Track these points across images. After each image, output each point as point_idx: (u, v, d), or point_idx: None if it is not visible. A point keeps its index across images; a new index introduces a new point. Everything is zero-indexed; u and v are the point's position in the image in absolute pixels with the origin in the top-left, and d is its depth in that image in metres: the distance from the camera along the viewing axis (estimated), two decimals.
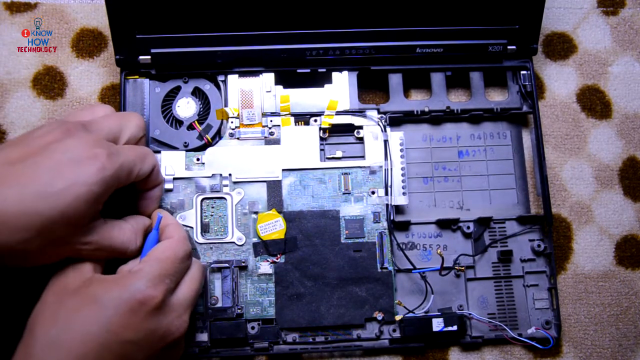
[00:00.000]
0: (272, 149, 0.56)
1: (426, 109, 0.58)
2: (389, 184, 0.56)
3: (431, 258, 0.56)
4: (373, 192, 0.56)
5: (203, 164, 0.55)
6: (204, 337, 0.52)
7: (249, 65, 0.57)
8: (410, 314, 0.54)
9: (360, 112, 0.57)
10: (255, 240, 0.54)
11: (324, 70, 0.58)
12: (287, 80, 0.58)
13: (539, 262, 0.57)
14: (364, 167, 0.56)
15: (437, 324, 0.53)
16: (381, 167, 0.56)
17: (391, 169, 0.56)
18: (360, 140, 0.57)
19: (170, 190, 0.55)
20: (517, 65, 0.59)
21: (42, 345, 0.39)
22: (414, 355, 0.55)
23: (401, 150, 0.56)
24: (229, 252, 0.54)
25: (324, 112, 0.57)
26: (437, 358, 0.55)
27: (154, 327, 0.42)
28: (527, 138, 0.60)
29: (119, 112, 0.51)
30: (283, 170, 0.56)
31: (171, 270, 0.44)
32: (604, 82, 0.63)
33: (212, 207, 0.55)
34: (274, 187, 0.55)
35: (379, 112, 0.58)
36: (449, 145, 0.59)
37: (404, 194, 0.56)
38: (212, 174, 0.55)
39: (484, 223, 0.57)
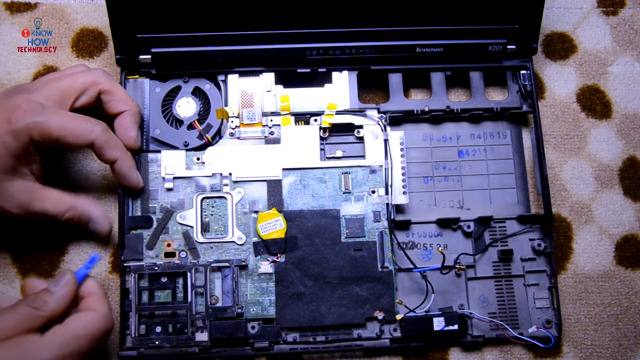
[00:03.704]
0: (273, 149, 0.56)
1: (426, 109, 0.58)
2: (389, 183, 0.56)
3: (432, 257, 0.56)
4: (373, 192, 0.56)
5: (203, 163, 0.55)
6: (204, 336, 0.52)
7: (249, 65, 0.57)
8: (411, 313, 0.54)
9: (360, 112, 0.57)
10: (255, 239, 0.54)
11: (324, 70, 0.58)
12: (287, 79, 0.58)
13: (540, 262, 0.57)
14: (364, 166, 0.56)
15: (438, 323, 0.53)
16: (381, 166, 0.56)
17: (391, 168, 0.56)
18: (361, 139, 0.57)
19: (170, 190, 0.55)
20: (517, 65, 0.59)
21: None
22: (415, 355, 0.55)
23: (401, 149, 0.56)
24: (229, 252, 0.54)
25: (324, 111, 0.57)
26: (437, 358, 0.55)
27: None
28: (527, 138, 0.60)
29: (79, 72, 0.52)
30: (283, 169, 0.56)
31: (85, 349, 0.44)
32: (604, 82, 0.63)
33: (213, 207, 0.55)
34: (274, 187, 0.55)
35: (379, 112, 0.58)
36: (449, 145, 0.59)
37: (404, 193, 0.56)
38: (212, 174, 0.55)
39: (484, 222, 0.57)
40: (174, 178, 0.55)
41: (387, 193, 0.56)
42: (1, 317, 0.43)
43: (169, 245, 0.54)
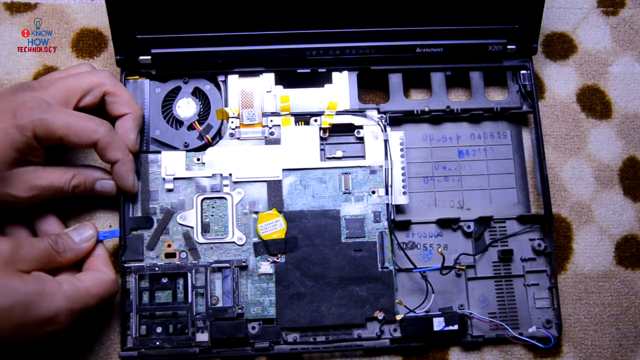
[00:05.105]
0: (273, 149, 0.56)
1: (426, 109, 0.58)
2: (390, 183, 0.56)
3: (432, 257, 0.56)
4: (373, 192, 0.56)
5: (203, 164, 0.55)
6: (204, 337, 0.52)
7: (249, 65, 0.57)
8: (411, 314, 0.54)
9: (360, 112, 0.57)
10: (255, 240, 0.54)
11: (324, 70, 0.58)
12: (287, 80, 0.58)
13: (540, 262, 0.57)
14: (364, 166, 0.56)
15: (438, 324, 0.53)
16: (381, 166, 0.56)
17: (391, 168, 0.56)
18: (361, 140, 0.57)
19: (170, 191, 0.55)
20: (517, 65, 0.59)
21: None
22: (415, 355, 0.55)
23: (401, 149, 0.56)
24: (229, 252, 0.54)
25: (324, 112, 0.57)
26: (437, 358, 0.55)
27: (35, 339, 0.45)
28: (527, 138, 0.60)
29: (85, 72, 0.53)
30: (283, 170, 0.56)
31: (91, 306, 0.47)
32: (604, 82, 0.63)
33: (213, 207, 0.55)
34: (274, 187, 0.55)
35: (379, 112, 0.58)
36: (449, 145, 0.59)
37: (404, 193, 0.56)
38: (213, 174, 0.55)
39: (484, 222, 0.57)
40: (174, 179, 0.55)
41: (387, 193, 0.56)
42: (24, 246, 0.46)
43: (169, 245, 0.54)
